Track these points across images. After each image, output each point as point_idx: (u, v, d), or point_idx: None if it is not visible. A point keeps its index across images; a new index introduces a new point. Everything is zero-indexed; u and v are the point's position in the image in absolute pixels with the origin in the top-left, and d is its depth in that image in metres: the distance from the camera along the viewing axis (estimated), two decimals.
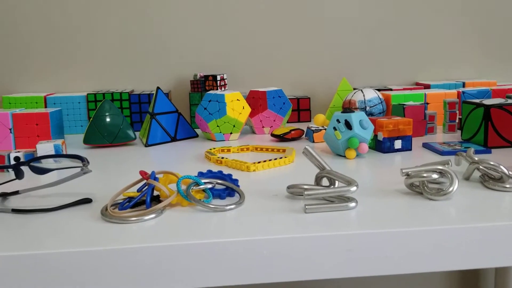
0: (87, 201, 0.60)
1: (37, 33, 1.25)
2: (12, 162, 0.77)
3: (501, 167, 0.60)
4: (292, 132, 0.97)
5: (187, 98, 1.28)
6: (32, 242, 0.49)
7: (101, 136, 0.95)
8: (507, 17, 1.38)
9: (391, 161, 0.78)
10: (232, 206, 0.56)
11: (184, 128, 1.04)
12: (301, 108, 1.24)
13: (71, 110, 1.15)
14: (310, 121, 1.25)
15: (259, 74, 1.31)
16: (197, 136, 1.06)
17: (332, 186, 0.58)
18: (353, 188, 0.55)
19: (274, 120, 1.08)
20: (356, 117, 0.80)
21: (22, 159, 0.79)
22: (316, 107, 1.32)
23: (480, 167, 0.63)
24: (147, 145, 0.97)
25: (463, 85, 1.27)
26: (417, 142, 0.92)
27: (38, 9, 1.24)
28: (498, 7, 1.37)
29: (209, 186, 0.60)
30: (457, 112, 1.02)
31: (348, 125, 0.79)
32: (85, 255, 0.46)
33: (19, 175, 0.65)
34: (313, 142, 0.95)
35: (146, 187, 0.58)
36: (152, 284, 0.47)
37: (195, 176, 0.59)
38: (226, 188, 0.61)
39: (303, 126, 1.18)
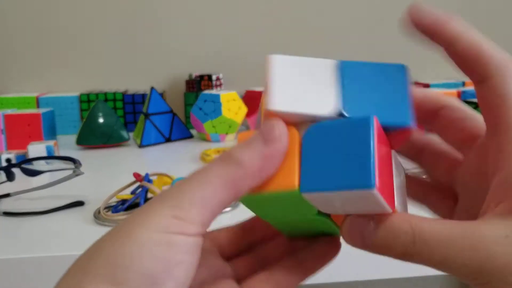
0: (79, 203, 0.59)
1: (29, 32, 1.23)
2: (3, 163, 0.76)
3: None
4: None
5: (182, 98, 1.26)
6: (23, 245, 0.48)
7: (94, 137, 0.94)
8: (507, 16, 1.38)
9: None
10: (227, 209, 0.55)
11: (179, 129, 1.03)
12: None
13: (64, 111, 1.14)
14: None
15: (256, 73, 1.30)
16: (192, 136, 1.05)
17: None
18: None
19: None
20: None
21: (13, 161, 0.78)
22: None
23: None
24: (141, 146, 0.96)
25: (463, 84, 1.27)
26: None
27: (30, 9, 1.23)
28: (498, 6, 1.37)
29: None
30: None
31: None
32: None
33: (10, 177, 0.64)
34: None
35: (140, 189, 0.57)
36: None
37: None
38: None
39: None
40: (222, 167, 0.22)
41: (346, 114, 0.23)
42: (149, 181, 0.58)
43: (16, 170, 0.64)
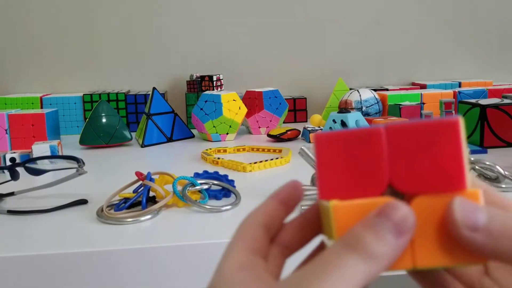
0: (82, 202, 0.60)
1: (33, 33, 1.24)
2: (8, 163, 0.77)
3: (497, 167, 0.60)
4: (288, 132, 0.97)
5: (183, 98, 1.27)
6: (27, 243, 0.49)
7: (97, 136, 0.95)
8: (503, 17, 1.38)
9: None
10: (228, 207, 0.56)
11: (180, 129, 1.04)
12: (297, 108, 1.24)
13: (67, 111, 1.15)
14: (306, 121, 1.25)
15: (256, 74, 1.31)
16: (193, 136, 1.06)
17: None
18: None
19: (271, 121, 1.08)
20: (352, 117, 0.80)
21: (17, 160, 0.78)
22: (312, 107, 1.32)
23: (476, 167, 0.63)
24: (143, 145, 0.97)
25: (459, 85, 1.27)
26: None
27: (34, 10, 1.24)
28: (494, 7, 1.37)
29: (205, 186, 0.60)
30: (453, 112, 1.02)
31: (344, 125, 0.79)
32: (81, 256, 0.46)
33: (14, 176, 0.64)
34: (310, 142, 0.95)
35: (142, 188, 0.57)
36: (148, 285, 0.47)
37: (191, 177, 0.59)
38: (222, 189, 0.61)
39: (300, 126, 1.18)
40: (359, 263, 0.21)
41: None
42: (151, 180, 0.58)
43: (20, 169, 0.65)
